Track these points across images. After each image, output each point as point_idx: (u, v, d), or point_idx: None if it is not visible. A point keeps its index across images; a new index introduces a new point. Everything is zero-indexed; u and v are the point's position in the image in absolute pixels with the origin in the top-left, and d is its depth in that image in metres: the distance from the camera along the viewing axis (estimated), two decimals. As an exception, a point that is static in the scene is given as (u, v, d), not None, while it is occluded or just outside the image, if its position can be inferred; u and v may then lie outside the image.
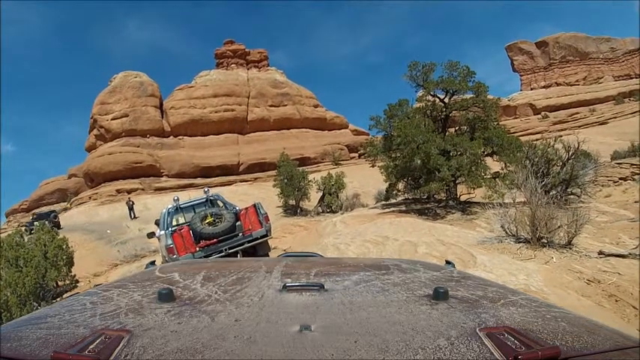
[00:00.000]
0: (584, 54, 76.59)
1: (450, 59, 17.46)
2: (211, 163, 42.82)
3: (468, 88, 16.66)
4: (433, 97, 17.23)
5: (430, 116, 17.07)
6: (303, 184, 25.04)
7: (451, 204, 16.09)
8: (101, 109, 44.89)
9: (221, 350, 0.79)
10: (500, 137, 16.18)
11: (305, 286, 1.24)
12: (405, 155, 15.08)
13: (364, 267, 1.61)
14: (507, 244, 8.75)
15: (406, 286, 1.27)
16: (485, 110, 16.60)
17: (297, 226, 19.78)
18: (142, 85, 46.64)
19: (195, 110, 45.95)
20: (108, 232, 22.31)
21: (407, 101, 16.83)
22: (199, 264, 1.82)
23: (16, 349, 0.83)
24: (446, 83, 16.39)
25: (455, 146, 14.76)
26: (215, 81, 49.96)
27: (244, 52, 57.22)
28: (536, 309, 1.10)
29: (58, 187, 49.64)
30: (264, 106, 48.98)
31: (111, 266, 16.39)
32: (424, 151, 13.98)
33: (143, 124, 43.66)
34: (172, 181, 40.19)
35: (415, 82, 17.40)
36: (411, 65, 17.18)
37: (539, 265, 7.45)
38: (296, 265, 1.65)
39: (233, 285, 1.29)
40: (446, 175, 13.87)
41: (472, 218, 14.11)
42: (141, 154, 40.68)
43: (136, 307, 1.09)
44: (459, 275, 1.52)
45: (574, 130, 34.85)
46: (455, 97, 17.25)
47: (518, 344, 0.81)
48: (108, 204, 33.69)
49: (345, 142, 50.64)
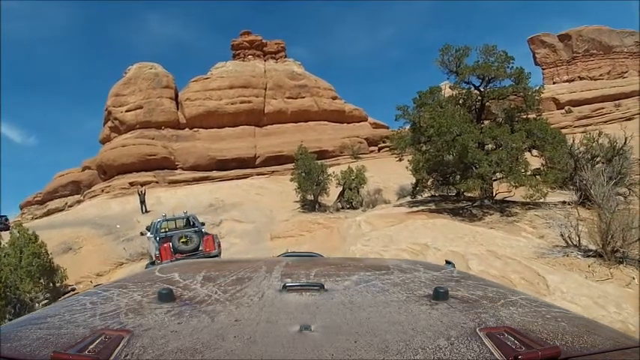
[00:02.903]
0: (607, 47, 73.18)
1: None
2: (227, 155, 41.65)
3: (507, 75, 14.98)
4: (467, 84, 15.57)
5: (464, 105, 15.44)
6: (322, 179, 23.62)
7: (486, 203, 14.51)
8: (115, 101, 44.08)
9: (221, 350, 0.80)
10: (544, 130, 14.52)
11: (305, 286, 1.24)
12: (438, 148, 13.48)
13: (364, 267, 1.62)
14: (574, 259, 7.22)
15: (406, 286, 1.27)
16: (526, 100, 14.92)
17: (315, 224, 18.40)
18: (156, 77, 45.61)
19: (211, 102, 44.78)
20: (117, 227, 21.33)
21: (439, 88, 15.21)
22: (199, 264, 1.81)
23: (16, 349, 0.84)
24: (482, 69, 14.69)
25: (494, 139, 13.12)
26: (231, 72, 48.62)
27: (261, 43, 55.73)
28: (536, 309, 1.10)
29: (71, 180, 49.05)
30: (281, 98, 47.58)
31: (115, 265, 15.34)
32: (461, 144, 12.35)
33: (158, 116, 42.69)
34: (187, 174, 39.18)
35: (447, 67, 15.77)
36: (443, 49, 15.53)
37: (621, 289, 5.95)
38: (296, 265, 1.66)
39: (233, 285, 1.29)
40: (486, 171, 12.29)
41: (513, 220, 12.53)
42: (155, 146, 39.74)
43: (136, 307, 1.09)
44: (459, 275, 1.53)
45: (599, 126, 32.92)
46: (491, 85, 15.61)
47: (518, 344, 0.81)
48: (120, 197, 32.86)
49: (364, 135, 48.92)
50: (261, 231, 19.60)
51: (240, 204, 26.19)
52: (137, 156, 38.32)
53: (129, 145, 39.19)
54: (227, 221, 21.87)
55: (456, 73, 15.61)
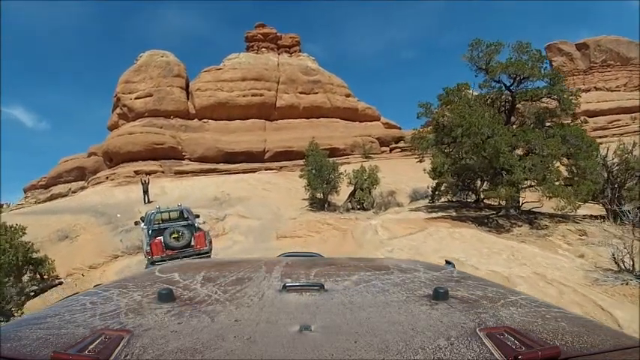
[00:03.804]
0: (625, 59, 71.76)
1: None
2: (236, 148, 40.71)
3: (543, 76, 13.81)
4: (498, 83, 14.39)
5: (492, 106, 14.28)
6: (333, 177, 22.57)
7: (512, 213, 13.38)
8: (125, 88, 43.26)
9: (221, 350, 0.80)
10: (580, 136, 13.37)
11: (305, 286, 1.24)
12: (466, 150, 12.33)
13: (364, 267, 1.61)
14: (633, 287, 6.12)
15: (406, 286, 1.27)
16: (561, 103, 13.75)
17: (324, 224, 17.36)
18: (168, 65, 44.68)
19: (222, 93, 43.83)
20: (118, 217, 20.43)
21: (467, 85, 14.04)
22: (199, 264, 1.81)
23: (16, 349, 0.83)
24: (516, 67, 13.53)
25: (528, 143, 11.96)
26: (244, 64, 47.60)
27: (276, 37, 54.68)
28: (536, 309, 1.10)
29: (77, 165, 48.36)
30: (293, 93, 46.53)
31: (110, 258, 14.41)
32: (492, 147, 11.17)
33: (167, 105, 41.80)
34: (194, 165, 38.28)
35: (476, 64, 14.62)
36: (473, 44, 14.37)
37: None
38: (296, 265, 1.66)
39: (233, 285, 1.29)
40: (519, 179, 11.16)
41: (545, 234, 11.40)
42: (163, 135, 38.84)
43: (136, 307, 1.09)
44: (459, 275, 1.52)
45: (614, 138, 31.85)
46: (523, 86, 14.45)
47: (518, 344, 0.81)
48: (125, 185, 32.06)
49: (377, 134, 47.72)
50: (267, 228, 18.61)
51: (247, 199, 25.21)
52: (144, 144, 37.45)
53: (136, 132, 38.34)
54: (232, 216, 20.89)
55: (485, 70, 14.47)
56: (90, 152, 48.29)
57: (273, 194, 27.25)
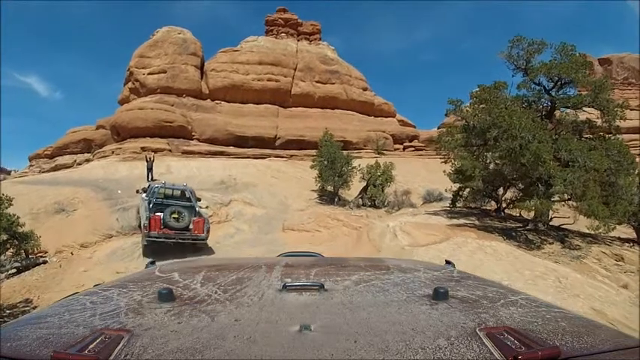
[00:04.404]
0: (648, 78, 70.23)
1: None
2: (247, 132, 39.63)
3: (589, 82, 12.64)
4: (537, 85, 13.23)
5: (529, 109, 13.14)
6: (346, 170, 21.56)
7: (541, 228, 12.31)
8: (139, 62, 42.25)
9: (221, 350, 0.79)
10: (622, 152, 12.25)
11: (305, 285, 1.21)
12: (501, 155, 11.20)
13: (364, 267, 1.60)
14: None
15: (406, 286, 1.26)
16: (605, 114, 12.60)
17: (334, 220, 16.33)
18: (184, 42, 43.54)
19: (237, 75, 42.73)
20: (119, 193, 19.55)
21: (505, 84, 12.88)
22: (199, 264, 1.78)
23: (16, 348, 0.83)
24: (559, 69, 12.38)
25: (570, 154, 10.82)
26: (262, 48, 46.48)
27: (296, 23, 53.42)
28: (536, 309, 1.09)
29: (84, 137, 47.46)
30: (310, 81, 45.33)
31: (103, 237, 13.49)
32: (533, 153, 10.02)
33: (180, 83, 40.76)
34: (202, 146, 37.28)
35: (514, 63, 13.47)
36: (514, 41, 13.20)
37: None
38: (296, 265, 1.64)
39: (233, 285, 1.27)
40: (559, 191, 10.06)
41: (579, 256, 10.31)
42: (173, 113, 37.80)
43: (136, 307, 1.08)
44: (459, 275, 1.50)
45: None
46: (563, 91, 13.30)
47: (518, 344, 0.80)
48: (130, 161, 31.15)
49: (391, 131, 46.45)
50: (273, 219, 17.64)
51: (254, 185, 24.26)
52: (153, 121, 36.43)
53: (147, 108, 37.31)
54: (237, 202, 19.93)
55: (524, 70, 13.32)
56: (98, 125, 47.41)
57: (282, 183, 26.30)
